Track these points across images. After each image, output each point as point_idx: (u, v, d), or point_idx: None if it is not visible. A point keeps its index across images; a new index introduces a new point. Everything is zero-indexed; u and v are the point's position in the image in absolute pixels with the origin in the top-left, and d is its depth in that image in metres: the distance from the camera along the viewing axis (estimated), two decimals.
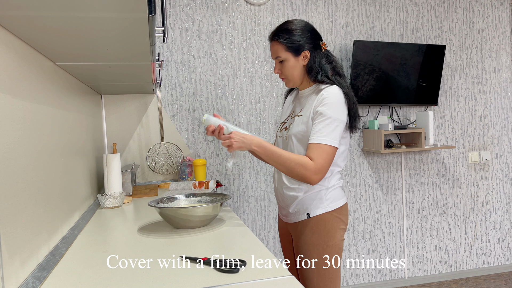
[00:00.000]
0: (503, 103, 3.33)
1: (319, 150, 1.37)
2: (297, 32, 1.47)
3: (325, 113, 1.39)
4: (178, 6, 2.70)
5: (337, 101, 1.40)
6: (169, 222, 1.41)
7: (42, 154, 1.16)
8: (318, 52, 1.49)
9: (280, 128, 1.62)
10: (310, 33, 1.48)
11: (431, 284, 3.15)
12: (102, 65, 1.44)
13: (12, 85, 0.95)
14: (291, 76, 1.51)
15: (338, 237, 1.49)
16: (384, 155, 3.09)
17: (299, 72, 1.50)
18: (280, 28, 1.49)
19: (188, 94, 2.73)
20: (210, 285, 0.89)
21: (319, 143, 1.37)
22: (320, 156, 1.37)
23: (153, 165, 2.66)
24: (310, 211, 1.49)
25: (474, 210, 3.29)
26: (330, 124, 1.38)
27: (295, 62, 1.48)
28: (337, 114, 1.40)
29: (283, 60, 1.49)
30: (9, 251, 0.86)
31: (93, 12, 0.82)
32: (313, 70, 1.48)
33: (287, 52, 1.47)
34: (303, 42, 1.47)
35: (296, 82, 1.53)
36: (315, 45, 1.49)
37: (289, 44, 1.46)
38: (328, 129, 1.38)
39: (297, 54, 1.47)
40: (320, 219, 1.48)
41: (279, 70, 1.52)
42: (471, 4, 3.23)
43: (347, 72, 2.97)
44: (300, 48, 1.47)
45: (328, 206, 1.49)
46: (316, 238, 1.47)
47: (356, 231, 3.06)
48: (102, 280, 0.96)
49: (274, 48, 1.50)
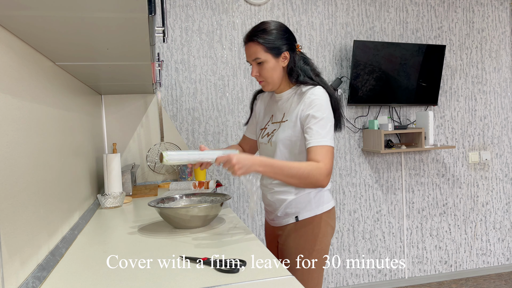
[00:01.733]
0: (503, 103, 3.33)
1: (323, 151, 1.34)
2: (276, 32, 1.41)
3: (318, 115, 1.36)
4: (178, 6, 2.70)
5: (325, 101, 1.39)
6: (169, 222, 1.41)
7: (42, 154, 1.16)
8: (295, 53, 1.46)
9: (261, 135, 1.57)
10: (288, 34, 1.44)
11: (431, 284, 3.15)
12: (102, 65, 1.44)
13: (12, 85, 0.95)
14: (271, 79, 1.45)
15: (325, 241, 1.47)
16: (384, 155, 3.09)
17: (279, 74, 1.45)
18: (258, 29, 1.42)
19: (188, 94, 2.74)
20: (210, 285, 0.89)
21: (321, 145, 1.34)
22: (326, 157, 1.34)
23: (153, 165, 2.66)
24: (298, 214, 1.47)
25: (474, 210, 3.29)
26: (325, 125, 1.36)
27: (275, 63, 1.42)
28: (328, 114, 1.38)
29: (262, 61, 1.42)
30: (9, 251, 0.86)
31: (93, 12, 0.82)
32: (294, 72, 1.44)
33: (267, 53, 1.41)
34: (282, 43, 1.41)
35: (276, 85, 1.47)
36: (292, 47, 1.45)
37: (269, 44, 1.40)
38: (325, 130, 1.36)
39: (277, 55, 1.42)
40: (308, 222, 1.46)
41: (257, 72, 1.45)
42: (471, 4, 3.23)
43: (347, 72, 2.97)
44: (280, 49, 1.41)
45: (317, 209, 1.47)
46: (303, 241, 1.45)
47: (356, 231, 3.06)
48: (102, 280, 0.96)
49: (252, 49, 1.42)
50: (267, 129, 1.54)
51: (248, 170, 1.27)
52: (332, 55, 2.96)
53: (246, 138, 1.71)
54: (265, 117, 1.59)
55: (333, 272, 3.02)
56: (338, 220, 3.03)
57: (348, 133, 3.02)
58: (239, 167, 1.24)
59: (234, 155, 1.25)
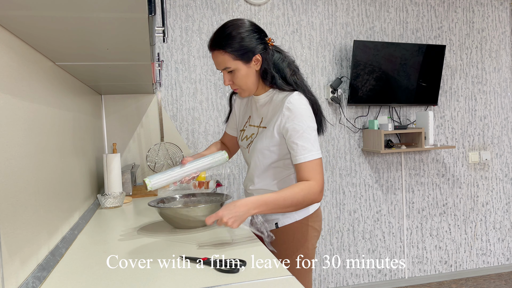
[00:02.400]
0: (503, 103, 3.33)
1: (312, 166, 1.27)
2: (242, 36, 1.28)
3: (298, 128, 1.28)
4: (178, 6, 2.70)
5: (303, 110, 1.30)
6: (169, 222, 1.41)
7: (42, 154, 1.16)
8: (269, 51, 1.34)
9: (240, 137, 1.52)
10: (256, 33, 1.31)
11: (431, 284, 3.15)
12: (102, 65, 1.44)
13: (12, 85, 0.95)
14: (246, 86, 1.35)
15: (310, 246, 1.42)
16: (384, 155, 3.09)
17: (254, 79, 1.35)
18: (222, 34, 1.29)
19: (188, 94, 2.74)
20: (210, 285, 0.89)
21: (309, 161, 1.27)
22: (316, 172, 1.27)
23: (153, 165, 2.66)
24: (278, 220, 1.42)
25: (474, 210, 3.29)
26: (308, 137, 1.28)
27: (248, 69, 1.32)
28: (308, 123, 1.29)
29: (233, 70, 1.31)
30: (9, 251, 0.86)
31: (93, 12, 0.82)
32: (268, 74, 1.34)
33: (236, 61, 1.29)
34: (252, 45, 1.29)
35: (252, 90, 1.38)
36: (264, 45, 1.32)
37: (237, 52, 1.28)
38: (309, 142, 1.28)
39: (248, 60, 1.30)
40: (289, 228, 1.41)
41: (230, 81, 1.35)
42: (471, 4, 3.24)
43: (347, 72, 2.97)
44: (250, 53, 1.30)
45: (296, 214, 1.40)
46: (285, 248, 1.40)
47: (356, 231, 3.06)
48: (102, 280, 0.96)
49: (219, 59, 1.31)
50: (245, 131, 1.50)
51: (243, 218, 1.18)
52: (332, 55, 2.96)
53: (227, 134, 1.66)
54: (244, 117, 1.54)
55: (333, 272, 3.02)
56: (338, 220, 3.03)
57: (348, 133, 3.02)
58: (233, 221, 1.15)
59: (221, 211, 1.16)
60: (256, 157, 1.40)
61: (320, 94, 2.95)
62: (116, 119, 2.62)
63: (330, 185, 3.01)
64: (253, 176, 1.45)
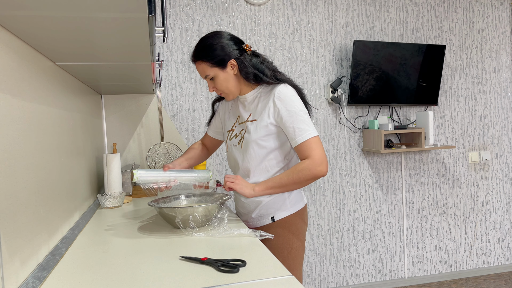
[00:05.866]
0: (503, 103, 3.33)
1: (308, 145, 1.39)
2: (216, 45, 1.43)
3: (291, 112, 1.40)
4: (178, 6, 2.70)
5: (292, 96, 1.43)
6: (169, 222, 1.41)
7: (42, 154, 1.16)
8: (245, 56, 1.47)
9: (229, 136, 1.60)
10: (230, 41, 1.46)
11: (431, 284, 3.15)
12: (102, 65, 1.44)
13: (12, 85, 0.95)
14: (227, 89, 1.49)
15: (301, 238, 1.53)
16: (384, 155, 3.09)
17: (233, 82, 1.48)
18: (198, 47, 1.46)
19: (188, 94, 2.74)
20: (210, 285, 0.89)
21: (305, 141, 1.39)
22: (312, 149, 1.38)
23: (153, 165, 2.65)
24: (274, 214, 1.51)
25: (474, 210, 3.29)
26: (300, 118, 1.40)
27: (225, 74, 1.46)
28: (299, 106, 1.42)
29: (213, 77, 1.46)
30: (9, 251, 0.86)
31: (93, 12, 0.82)
32: (250, 74, 1.46)
33: (213, 68, 1.45)
34: (224, 53, 1.43)
35: (235, 93, 1.51)
36: (240, 51, 1.46)
37: (212, 60, 1.43)
38: (302, 123, 1.40)
39: (223, 66, 1.45)
40: (284, 222, 1.51)
41: (213, 87, 1.50)
42: (471, 4, 3.23)
43: (347, 72, 2.97)
44: (224, 60, 1.44)
45: (291, 208, 1.52)
46: (281, 241, 1.50)
47: (356, 231, 3.06)
48: (102, 280, 0.96)
49: (200, 68, 1.48)
50: (234, 131, 1.58)
51: (248, 186, 1.44)
52: (332, 55, 2.96)
53: (208, 136, 1.79)
54: (230, 119, 1.62)
55: (333, 272, 3.02)
56: (338, 220, 3.03)
57: (348, 133, 3.02)
58: (238, 183, 1.44)
59: (235, 178, 1.45)
60: (251, 149, 1.49)
61: (320, 94, 2.95)
62: (116, 119, 2.62)
63: (330, 185, 3.01)
64: (248, 171, 1.52)
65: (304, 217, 1.56)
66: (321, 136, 2.97)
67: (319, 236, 2.99)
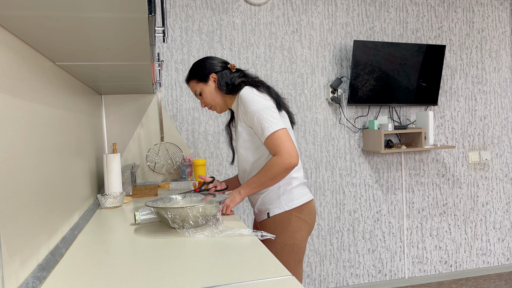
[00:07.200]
0: (503, 103, 3.33)
1: (273, 141, 1.45)
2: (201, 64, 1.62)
3: (251, 113, 1.47)
4: (178, 6, 2.70)
5: (250, 96, 1.49)
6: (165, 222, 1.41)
7: (42, 154, 1.16)
8: (226, 71, 1.61)
9: None
10: (215, 61, 1.62)
11: (431, 284, 3.15)
12: (102, 65, 1.44)
13: (12, 85, 0.95)
14: (213, 102, 1.63)
15: (299, 237, 1.54)
16: (384, 155, 3.09)
17: (217, 95, 1.62)
18: (190, 70, 1.66)
19: (188, 94, 2.73)
20: (210, 285, 0.89)
21: (268, 137, 1.45)
22: (277, 145, 1.44)
23: (153, 165, 2.66)
24: (269, 210, 1.56)
25: (474, 210, 3.29)
26: (261, 116, 1.46)
27: (208, 87, 1.61)
28: (258, 104, 1.47)
29: (201, 92, 1.62)
30: (9, 251, 0.86)
31: (93, 12, 0.82)
32: (224, 86, 1.59)
33: (199, 83, 1.62)
34: (208, 69, 1.60)
35: (222, 106, 1.65)
36: (222, 67, 1.61)
37: (196, 76, 1.61)
38: (264, 121, 1.45)
39: (205, 80, 1.61)
40: (278, 218, 1.54)
41: (203, 103, 1.66)
42: (471, 4, 3.23)
43: (347, 72, 2.97)
44: (206, 75, 1.60)
45: (285, 205, 1.54)
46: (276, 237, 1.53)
47: (356, 231, 3.06)
48: (102, 280, 0.96)
49: (191, 86, 1.65)
50: None
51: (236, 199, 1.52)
52: (332, 55, 2.96)
53: None
54: None
55: (333, 272, 3.02)
56: (338, 220, 3.03)
57: (348, 133, 3.02)
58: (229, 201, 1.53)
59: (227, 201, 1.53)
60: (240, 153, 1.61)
61: (320, 94, 2.95)
62: (116, 119, 2.62)
63: (330, 185, 3.01)
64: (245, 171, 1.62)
65: (304, 215, 1.55)
66: (321, 136, 2.97)
67: (319, 236, 2.99)
